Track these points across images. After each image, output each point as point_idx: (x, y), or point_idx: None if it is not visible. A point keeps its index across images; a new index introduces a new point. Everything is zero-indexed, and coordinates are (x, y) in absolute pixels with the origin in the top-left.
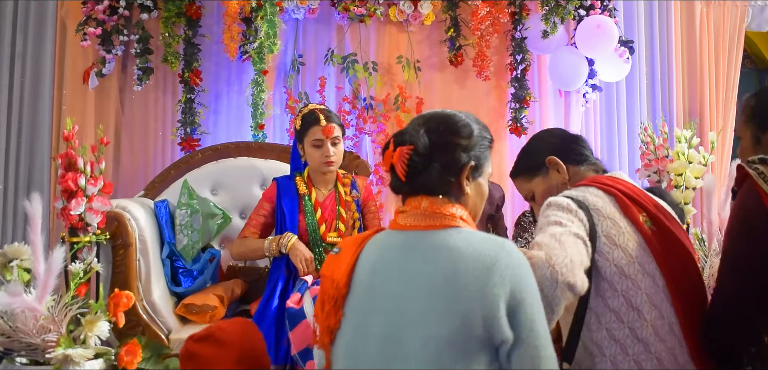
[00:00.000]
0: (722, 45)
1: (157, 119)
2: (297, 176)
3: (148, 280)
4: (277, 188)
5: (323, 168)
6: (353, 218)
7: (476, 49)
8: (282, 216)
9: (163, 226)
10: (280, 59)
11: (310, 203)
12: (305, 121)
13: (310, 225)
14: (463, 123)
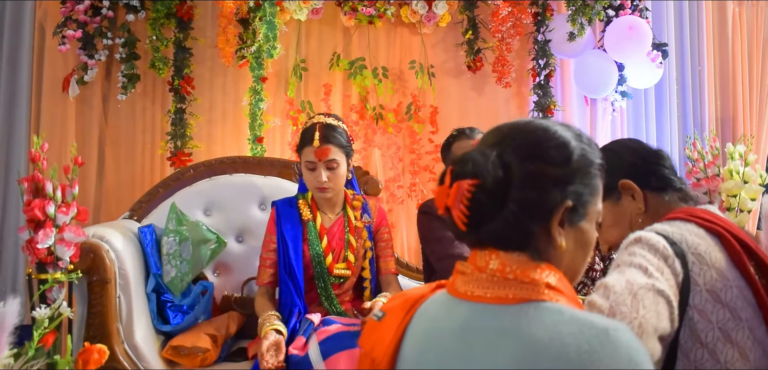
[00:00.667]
0: (756, 47)
1: (145, 131)
2: (300, 199)
3: (129, 320)
4: (277, 214)
5: (316, 194)
6: (365, 247)
7: (496, 52)
8: (284, 246)
9: (148, 254)
10: (281, 65)
11: (315, 229)
12: (301, 138)
13: (315, 256)
14: (557, 141)
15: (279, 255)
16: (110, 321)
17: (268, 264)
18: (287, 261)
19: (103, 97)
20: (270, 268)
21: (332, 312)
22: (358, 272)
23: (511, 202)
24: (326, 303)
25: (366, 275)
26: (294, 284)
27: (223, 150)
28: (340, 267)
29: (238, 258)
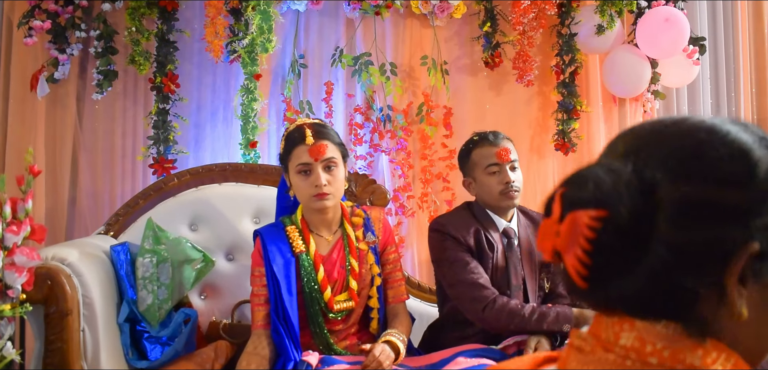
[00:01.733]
0: None
1: (124, 135)
2: (288, 224)
3: (96, 356)
4: (263, 246)
5: (314, 203)
6: (371, 273)
7: (517, 47)
8: (275, 284)
9: (122, 277)
10: (277, 60)
11: (309, 260)
12: (288, 141)
13: (309, 292)
14: (731, 148)
15: (270, 296)
16: (72, 360)
17: (263, 302)
18: (279, 304)
19: (76, 97)
20: (265, 306)
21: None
22: (363, 302)
23: (657, 245)
24: (322, 347)
25: (373, 305)
26: (288, 332)
27: (212, 157)
28: (342, 299)
29: (228, 279)
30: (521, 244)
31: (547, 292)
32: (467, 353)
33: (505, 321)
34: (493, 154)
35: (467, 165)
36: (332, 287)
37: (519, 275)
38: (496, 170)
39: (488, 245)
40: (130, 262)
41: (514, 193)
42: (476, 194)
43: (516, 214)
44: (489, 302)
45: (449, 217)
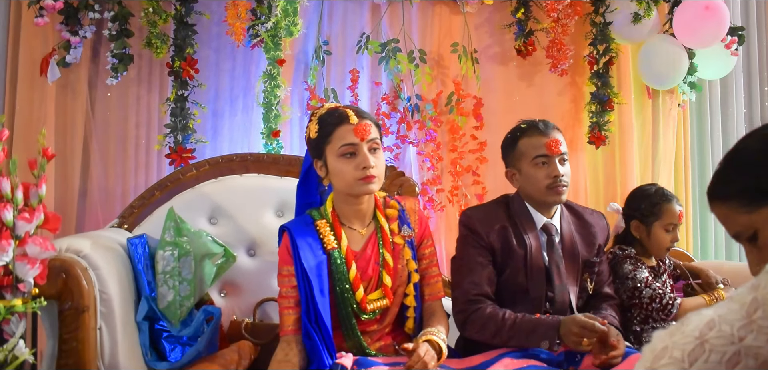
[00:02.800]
0: None
1: (139, 123)
2: (317, 217)
3: (114, 357)
4: (292, 242)
5: (360, 188)
6: (408, 269)
7: (551, 35)
8: (307, 285)
9: (139, 272)
10: (300, 47)
11: (341, 257)
12: (325, 123)
13: (340, 292)
14: None
15: (300, 297)
16: (88, 360)
17: (292, 304)
18: (311, 306)
19: (89, 83)
20: (296, 309)
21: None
22: (399, 300)
23: None
24: (355, 350)
25: (409, 303)
26: (322, 335)
27: (231, 147)
28: (375, 298)
29: (250, 275)
30: (564, 241)
31: (591, 293)
32: (513, 353)
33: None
34: (542, 144)
35: (512, 154)
36: (366, 285)
37: (562, 274)
38: (544, 162)
39: (519, 243)
40: (148, 256)
41: (563, 188)
42: (520, 186)
43: (559, 209)
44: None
45: (479, 210)
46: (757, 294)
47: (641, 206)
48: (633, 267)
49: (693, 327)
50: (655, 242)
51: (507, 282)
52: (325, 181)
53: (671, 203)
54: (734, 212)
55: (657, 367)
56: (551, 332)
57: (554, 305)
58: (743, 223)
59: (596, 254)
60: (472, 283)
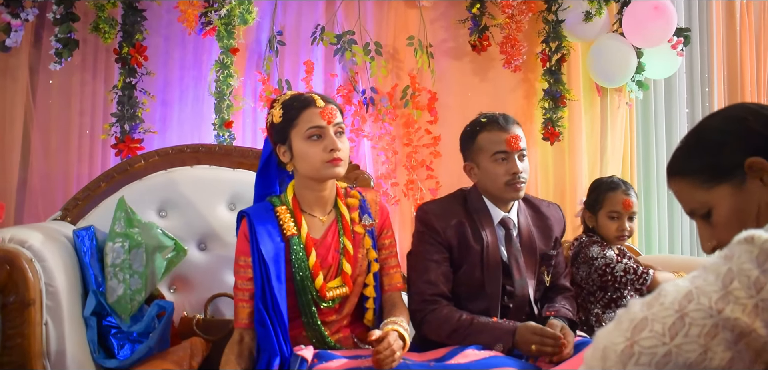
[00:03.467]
0: (763, 44)
1: (83, 111)
2: (277, 203)
3: (61, 354)
4: (250, 228)
5: (327, 170)
6: (368, 259)
7: (505, 31)
8: (263, 271)
9: (86, 266)
10: (253, 37)
11: (300, 244)
12: (290, 107)
13: (300, 280)
14: None
15: (256, 283)
16: (33, 357)
17: (247, 297)
18: (269, 293)
19: (30, 69)
20: (250, 302)
21: (317, 344)
22: (358, 290)
23: None
24: (315, 340)
25: (369, 293)
26: (277, 324)
27: (180, 138)
28: (335, 286)
29: (201, 270)
30: (522, 235)
31: (547, 285)
32: (476, 345)
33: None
34: (502, 140)
35: (471, 149)
36: (325, 273)
37: (521, 268)
38: (503, 158)
39: (475, 239)
40: (95, 249)
41: (521, 185)
42: (478, 181)
43: (517, 202)
44: (427, 313)
45: (435, 204)
46: (731, 264)
47: (591, 196)
48: (601, 248)
49: (671, 300)
50: (603, 230)
51: (464, 278)
52: (290, 167)
53: (615, 192)
54: (692, 189)
55: (637, 339)
56: (507, 336)
57: (514, 299)
58: (700, 200)
59: (553, 247)
60: (427, 282)
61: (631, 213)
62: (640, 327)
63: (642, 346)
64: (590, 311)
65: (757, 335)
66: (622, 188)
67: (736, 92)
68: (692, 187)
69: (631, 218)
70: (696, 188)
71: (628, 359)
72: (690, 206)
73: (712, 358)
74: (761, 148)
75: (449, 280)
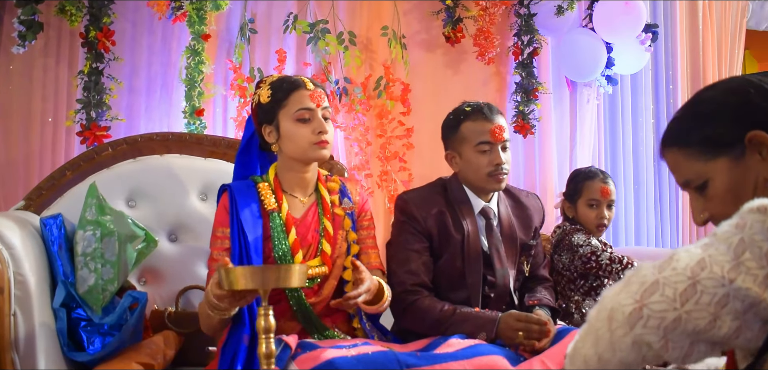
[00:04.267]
0: (725, 43)
1: (47, 98)
2: (259, 181)
3: (30, 348)
4: (231, 199)
5: (314, 152)
6: (348, 240)
7: (479, 23)
8: (242, 240)
9: (54, 255)
10: (224, 24)
11: (280, 220)
12: (279, 88)
13: (280, 256)
14: None
15: (233, 255)
16: (2, 350)
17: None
18: (246, 262)
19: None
20: None
21: (312, 332)
22: (338, 272)
23: None
24: (303, 321)
25: (348, 277)
26: None
27: (148, 126)
28: (314, 264)
29: (172, 262)
30: (502, 225)
31: (526, 275)
32: (460, 335)
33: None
34: (486, 131)
35: (454, 137)
36: (305, 252)
37: (502, 258)
38: (486, 149)
39: (456, 228)
40: (64, 237)
41: (504, 176)
42: (459, 170)
43: (497, 193)
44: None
45: (415, 194)
46: (743, 234)
47: (570, 186)
48: (586, 236)
49: (684, 266)
50: (583, 219)
51: (444, 268)
52: (274, 148)
53: (593, 180)
54: (688, 160)
55: (647, 302)
56: (490, 325)
57: (495, 289)
58: (696, 171)
59: (533, 237)
60: (408, 272)
61: (610, 201)
62: (650, 290)
63: (651, 309)
64: (570, 298)
65: (766, 305)
66: (600, 176)
67: (699, 87)
68: (689, 158)
69: (610, 206)
70: (693, 159)
71: (637, 322)
72: (685, 177)
73: (721, 326)
74: (761, 123)
75: (430, 270)
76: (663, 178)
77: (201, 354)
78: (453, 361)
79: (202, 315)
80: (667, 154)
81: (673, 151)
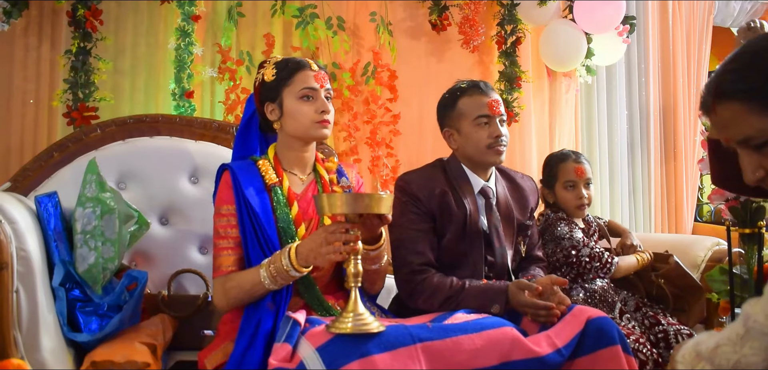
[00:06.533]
0: (693, 40)
1: (29, 78)
2: (258, 159)
3: (33, 325)
4: (233, 178)
5: (316, 130)
6: None
7: (465, 11)
8: (251, 218)
9: (49, 235)
10: (211, 7)
11: (282, 195)
12: (284, 67)
13: (284, 227)
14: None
15: (245, 230)
16: (4, 327)
17: (232, 245)
18: (260, 234)
19: None
20: (236, 250)
21: (316, 307)
22: None
23: None
24: (307, 295)
25: None
26: None
27: (132, 108)
28: None
29: (163, 245)
30: (500, 204)
31: (523, 256)
32: (465, 309)
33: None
34: (484, 104)
35: (451, 114)
36: (307, 225)
37: (501, 237)
38: (485, 122)
39: (458, 207)
40: (59, 218)
41: (503, 148)
42: (457, 147)
43: (494, 173)
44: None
45: (417, 174)
46: None
47: (545, 171)
48: (569, 228)
49: None
50: (562, 202)
51: (447, 247)
52: (276, 125)
53: (566, 162)
54: (751, 114)
55: None
56: (501, 295)
57: (494, 269)
58: (758, 127)
59: (529, 217)
60: (415, 253)
61: (586, 180)
62: None
63: None
64: None
65: None
66: (573, 157)
67: (668, 83)
68: (751, 112)
69: (588, 185)
70: (757, 113)
71: None
72: (745, 132)
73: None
74: None
75: (435, 249)
76: (636, 167)
77: (196, 338)
78: (463, 334)
79: (233, 292)
80: (722, 107)
81: (729, 104)
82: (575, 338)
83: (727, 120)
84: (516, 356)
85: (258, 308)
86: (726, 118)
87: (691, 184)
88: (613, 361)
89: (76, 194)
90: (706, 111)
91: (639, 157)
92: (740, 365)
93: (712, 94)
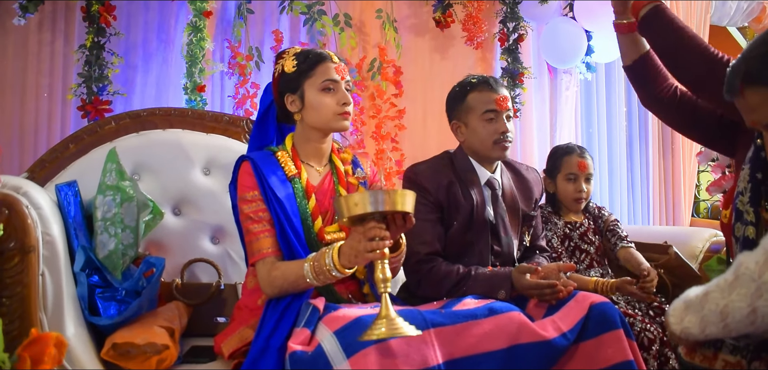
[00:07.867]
0: None
1: (43, 72)
2: (276, 150)
3: (58, 307)
4: (255, 168)
5: (337, 122)
6: None
7: (469, 8)
8: (279, 207)
9: (69, 223)
10: (220, 4)
11: (301, 186)
12: (305, 58)
13: (303, 220)
14: None
15: (273, 215)
16: (32, 309)
17: (268, 226)
18: (287, 223)
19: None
20: (272, 231)
21: (327, 298)
22: None
23: None
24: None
25: None
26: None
27: (143, 102)
28: (332, 230)
29: (176, 235)
30: (505, 196)
31: (527, 246)
32: (473, 296)
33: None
34: (492, 100)
35: (460, 108)
36: (323, 217)
37: (507, 227)
38: (492, 117)
39: (465, 198)
40: (78, 206)
41: (508, 144)
42: (464, 140)
43: (499, 165)
44: (424, 272)
45: (425, 165)
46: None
47: (549, 162)
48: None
49: None
50: (562, 193)
51: (453, 237)
52: (296, 116)
53: (571, 155)
54: None
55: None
56: (506, 282)
57: (501, 258)
58: None
59: (533, 208)
60: (422, 242)
61: (587, 174)
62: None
63: None
64: None
65: None
66: (577, 151)
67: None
68: None
69: (588, 180)
70: None
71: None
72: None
73: None
74: None
75: (442, 239)
76: (634, 161)
77: (210, 324)
78: (473, 319)
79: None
80: (750, 91)
81: (760, 89)
82: (579, 323)
83: (755, 104)
84: (523, 339)
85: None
86: (754, 103)
87: (689, 179)
88: (616, 344)
89: (92, 184)
90: (732, 94)
91: (637, 153)
92: (727, 309)
93: (740, 78)
